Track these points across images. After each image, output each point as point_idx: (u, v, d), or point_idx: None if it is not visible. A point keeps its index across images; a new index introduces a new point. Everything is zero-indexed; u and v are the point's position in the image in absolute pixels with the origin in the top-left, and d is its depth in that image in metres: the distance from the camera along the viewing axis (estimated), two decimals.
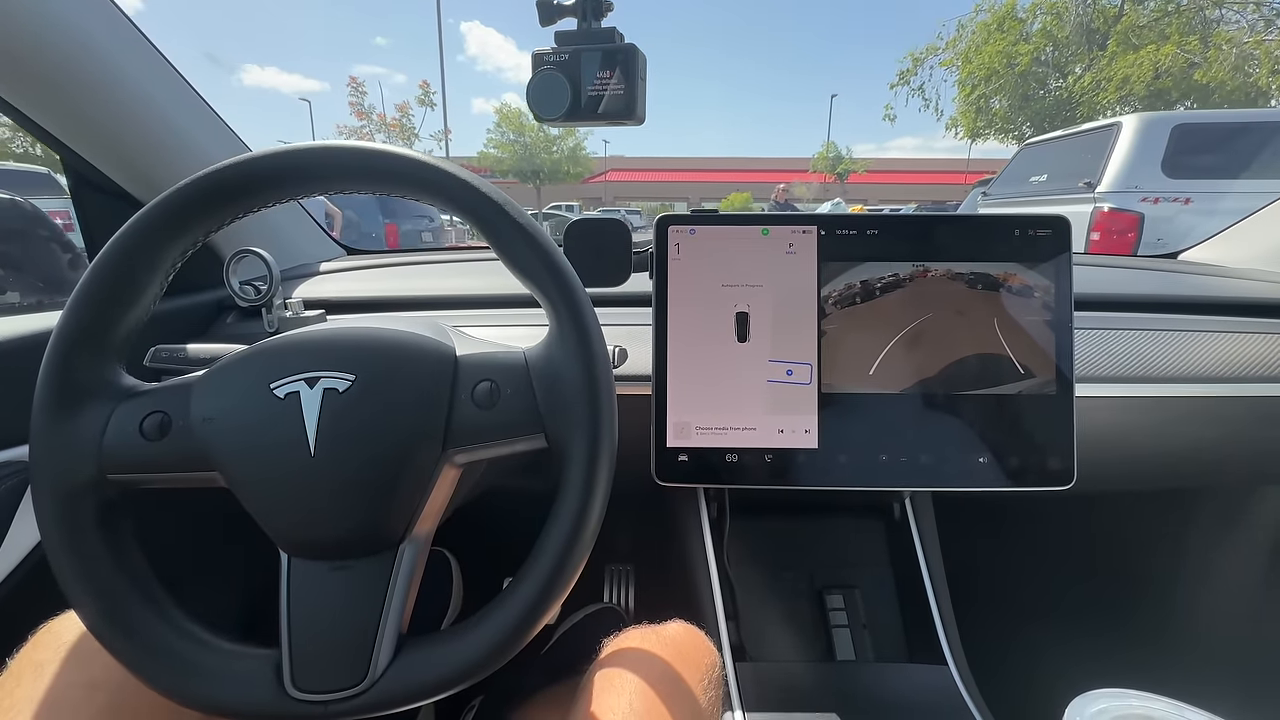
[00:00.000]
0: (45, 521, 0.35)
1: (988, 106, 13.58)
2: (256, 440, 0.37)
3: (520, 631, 0.36)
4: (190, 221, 0.38)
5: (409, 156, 0.38)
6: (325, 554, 0.37)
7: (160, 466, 0.37)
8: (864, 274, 0.60)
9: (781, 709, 0.57)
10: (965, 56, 13.58)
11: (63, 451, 0.36)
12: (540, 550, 0.37)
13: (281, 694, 0.35)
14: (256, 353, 0.39)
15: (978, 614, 0.73)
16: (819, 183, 28.22)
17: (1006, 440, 0.59)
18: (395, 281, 0.93)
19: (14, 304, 0.74)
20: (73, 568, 0.35)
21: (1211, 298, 0.80)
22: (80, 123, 0.68)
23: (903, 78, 15.23)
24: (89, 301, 0.37)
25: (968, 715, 0.56)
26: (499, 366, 0.39)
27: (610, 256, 0.61)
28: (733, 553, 0.70)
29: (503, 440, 0.38)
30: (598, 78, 0.45)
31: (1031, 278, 0.60)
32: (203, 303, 0.81)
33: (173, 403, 0.38)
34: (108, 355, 0.38)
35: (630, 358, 0.66)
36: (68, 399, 0.36)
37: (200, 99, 0.79)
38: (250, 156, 0.39)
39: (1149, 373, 0.70)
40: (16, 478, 0.59)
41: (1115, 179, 3.55)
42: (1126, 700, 0.35)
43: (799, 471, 0.60)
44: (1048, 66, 12.76)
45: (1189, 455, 0.73)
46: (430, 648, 0.36)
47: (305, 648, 0.35)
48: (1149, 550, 0.97)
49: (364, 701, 0.35)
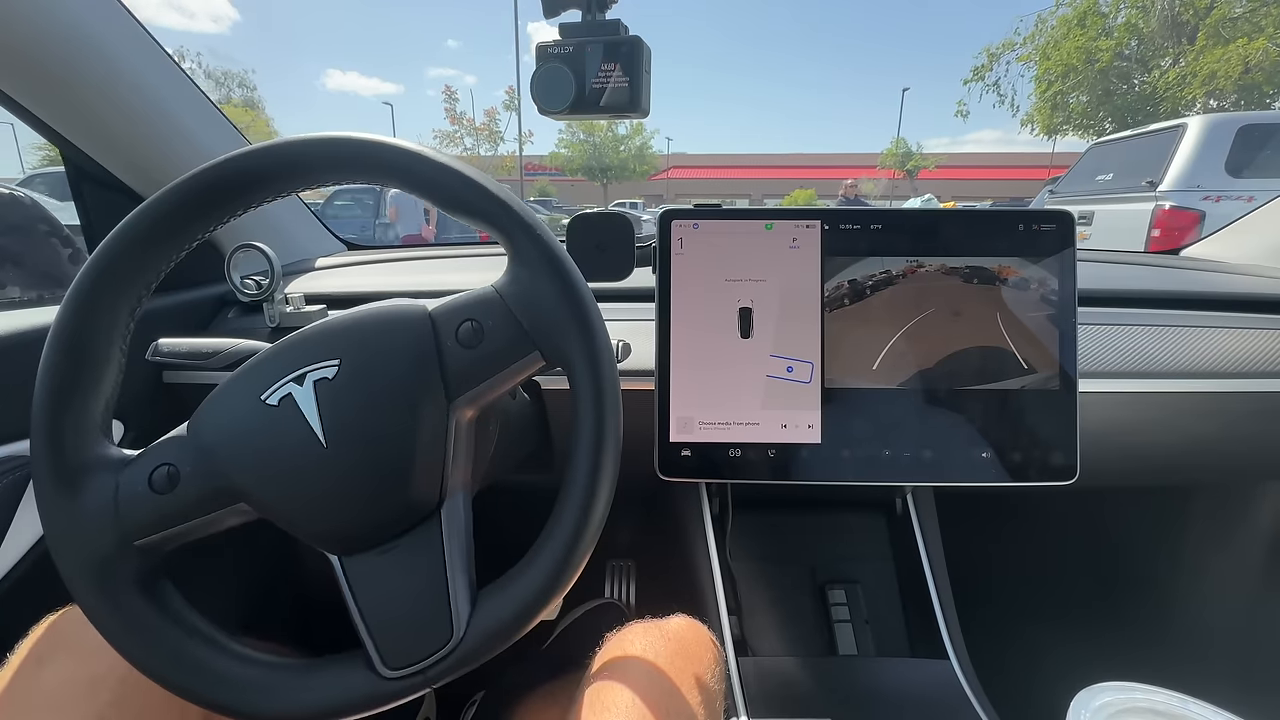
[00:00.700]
0: (90, 605, 0.35)
1: (1065, 103, 13.27)
2: (267, 453, 0.36)
3: (579, 545, 0.36)
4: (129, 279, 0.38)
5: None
6: (371, 542, 0.37)
7: (183, 515, 0.37)
8: (868, 268, 0.60)
9: (783, 703, 0.57)
10: (1043, 52, 13.27)
11: (82, 532, 0.35)
12: (575, 465, 0.37)
13: (378, 679, 0.35)
14: (238, 373, 0.39)
15: (979, 609, 0.74)
16: (887, 179, 27.71)
17: (1009, 435, 0.59)
18: (396, 276, 0.93)
19: (14, 299, 0.74)
20: (131, 638, 0.35)
21: (1214, 293, 0.80)
22: (79, 116, 0.68)
23: (977, 74, 14.99)
24: (54, 388, 0.36)
25: (970, 709, 0.56)
26: (474, 304, 0.39)
27: (613, 251, 0.61)
28: (735, 548, 0.70)
29: (501, 370, 0.38)
30: (601, 70, 0.45)
31: (1035, 273, 0.60)
32: (204, 298, 0.81)
33: (173, 451, 0.37)
34: (92, 433, 0.37)
35: (634, 353, 0.66)
36: (68, 482, 0.36)
37: (199, 92, 0.79)
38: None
39: (1151, 368, 0.70)
40: (17, 473, 0.59)
41: (1177, 178, 3.69)
42: (1131, 693, 0.35)
43: (802, 467, 0.60)
44: (1131, 61, 12.44)
45: (1191, 451, 0.73)
46: (502, 589, 0.37)
47: (386, 631, 0.36)
48: (1150, 545, 0.97)
49: (458, 657, 0.35)
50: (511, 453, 0.62)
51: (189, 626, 0.37)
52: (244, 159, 0.38)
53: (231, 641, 0.37)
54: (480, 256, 1.04)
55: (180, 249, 0.39)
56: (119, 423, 0.70)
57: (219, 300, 0.83)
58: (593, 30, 0.46)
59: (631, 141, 26.76)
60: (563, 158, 27.74)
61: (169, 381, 0.74)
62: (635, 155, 27.01)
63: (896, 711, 0.57)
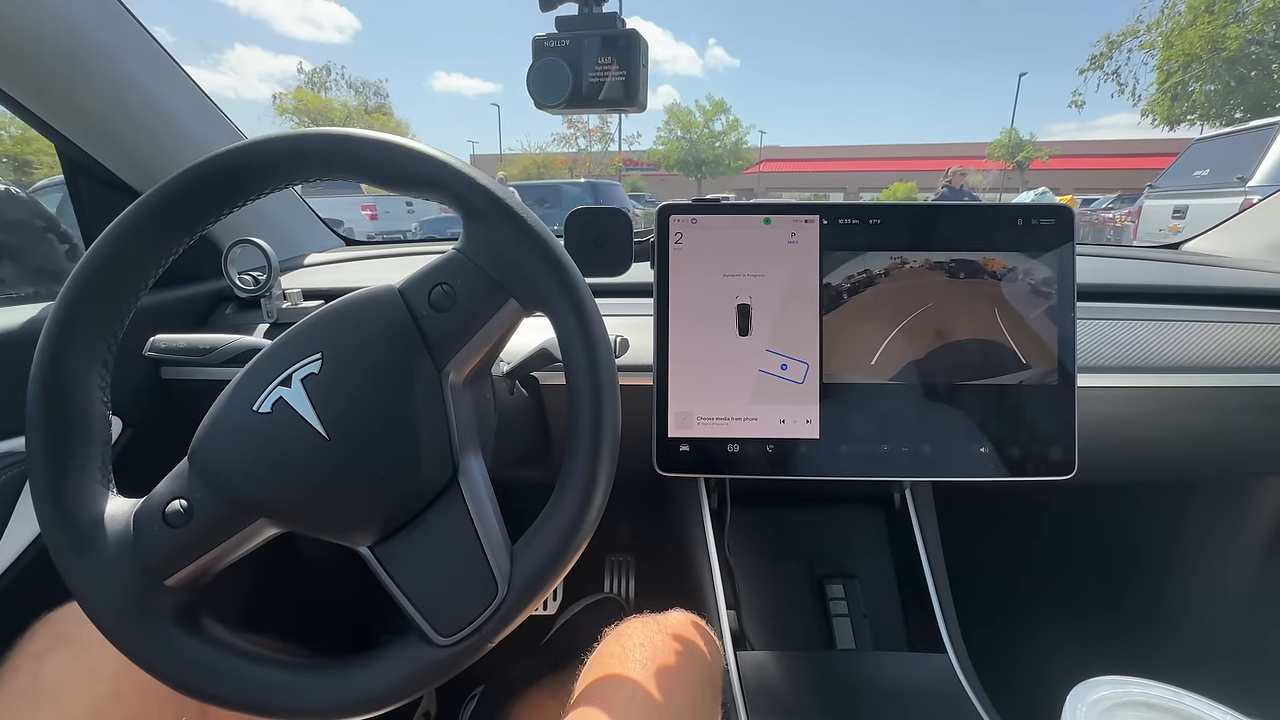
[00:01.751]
0: (140, 653, 0.35)
1: (1186, 93, 12.77)
2: (273, 460, 0.36)
3: (597, 480, 0.37)
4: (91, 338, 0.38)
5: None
6: (397, 524, 0.37)
7: (206, 545, 0.36)
8: (866, 263, 0.59)
9: (781, 697, 0.57)
10: (1167, 39, 12.76)
11: (110, 586, 0.35)
12: (577, 397, 0.37)
13: (435, 649, 0.35)
14: (226, 393, 0.39)
15: (977, 604, 0.74)
16: (997, 170, 25.89)
17: (1008, 430, 0.59)
18: (395, 271, 0.93)
19: (11, 295, 0.73)
20: (193, 674, 0.35)
21: (1213, 288, 0.80)
22: (74, 110, 0.68)
23: (1094, 62, 14.50)
24: (47, 457, 0.36)
25: (967, 703, 0.56)
26: (440, 268, 0.38)
27: (611, 246, 0.60)
28: (733, 542, 0.70)
29: (481, 326, 0.38)
30: (598, 64, 0.44)
31: (1034, 267, 0.59)
32: (201, 294, 0.81)
33: (179, 484, 0.37)
34: (93, 484, 0.37)
35: (632, 348, 0.66)
36: (84, 541, 0.36)
37: (195, 86, 0.79)
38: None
39: (1150, 363, 0.70)
40: (14, 470, 0.59)
41: (1268, 173, 3.81)
42: (1127, 687, 0.35)
43: (800, 462, 0.60)
44: (1267, 47, 11.89)
45: (1189, 445, 0.73)
46: (533, 538, 0.37)
47: (432, 604, 0.36)
48: (1148, 541, 0.97)
49: (508, 609, 0.35)
50: (509, 449, 0.62)
51: (236, 649, 0.37)
52: (193, 172, 0.38)
53: (280, 654, 0.37)
54: None
55: (145, 280, 0.39)
56: (118, 420, 0.70)
57: (216, 296, 0.83)
58: (589, 24, 0.46)
59: (727, 138, 27.24)
60: (659, 154, 28.30)
61: (167, 378, 0.74)
62: (730, 151, 27.32)
63: (895, 705, 0.57)
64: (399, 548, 0.37)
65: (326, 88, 27.40)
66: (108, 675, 0.43)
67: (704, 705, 0.47)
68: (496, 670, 0.82)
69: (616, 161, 29.34)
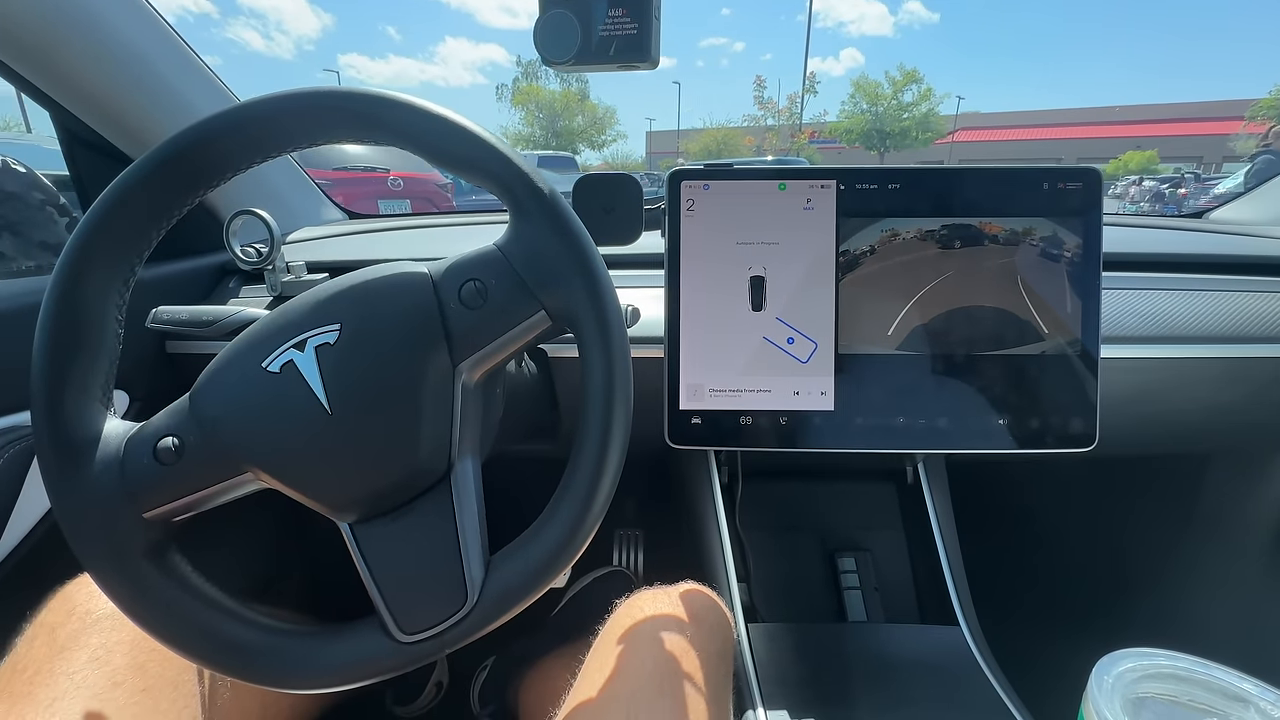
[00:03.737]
0: (102, 577, 0.35)
1: None
2: (271, 421, 0.36)
3: (591, 509, 0.36)
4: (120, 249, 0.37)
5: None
6: (381, 508, 0.37)
7: (190, 487, 0.36)
8: (884, 230, 0.58)
9: (793, 667, 0.57)
10: None
11: (89, 506, 0.35)
12: (585, 430, 0.36)
13: (395, 644, 0.35)
14: (238, 341, 0.38)
15: (990, 579, 0.73)
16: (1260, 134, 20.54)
17: (1028, 402, 0.58)
18: (400, 245, 0.91)
19: (11, 269, 0.73)
20: (145, 607, 0.35)
21: (1239, 256, 0.77)
22: (69, 78, 0.66)
23: None
24: (51, 365, 0.35)
25: (980, 675, 0.56)
26: (476, 263, 0.38)
27: (621, 213, 0.59)
28: (743, 516, 0.70)
29: (506, 331, 0.37)
30: (609, 17, 0.42)
31: (1060, 233, 0.57)
32: (205, 267, 0.80)
33: (177, 422, 0.37)
34: (93, 406, 0.36)
35: (643, 318, 0.64)
36: (72, 456, 0.35)
37: (191, 52, 0.76)
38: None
39: (1174, 333, 0.68)
40: (23, 443, 0.59)
41: None
42: (1153, 659, 0.35)
43: (814, 434, 0.59)
44: None
45: (1213, 417, 0.71)
46: (514, 554, 0.36)
47: (400, 598, 0.35)
48: (1166, 514, 0.96)
49: (473, 621, 0.35)
50: (518, 423, 0.61)
51: (202, 595, 0.36)
52: (222, 119, 0.36)
53: (245, 609, 0.37)
54: (484, 225, 1.02)
55: (171, 214, 0.38)
56: (123, 393, 0.70)
57: (220, 269, 0.81)
58: None
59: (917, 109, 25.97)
60: (841, 127, 27.61)
61: (172, 351, 0.74)
62: (918, 122, 26.05)
63: (906, 676, 0.57)
64: (378, 532, 0.37)
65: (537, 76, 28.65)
66: (124, 647, 0.43)
67: (716, 675, 0.47)
68: (508, 641, 0.83)
69: (802, 139, 28.95)
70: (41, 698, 0.39)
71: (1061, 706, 0.44)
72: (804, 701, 0.52)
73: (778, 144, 29.97)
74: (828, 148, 31.14)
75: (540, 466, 0.65)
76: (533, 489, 0.39)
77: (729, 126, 32.92)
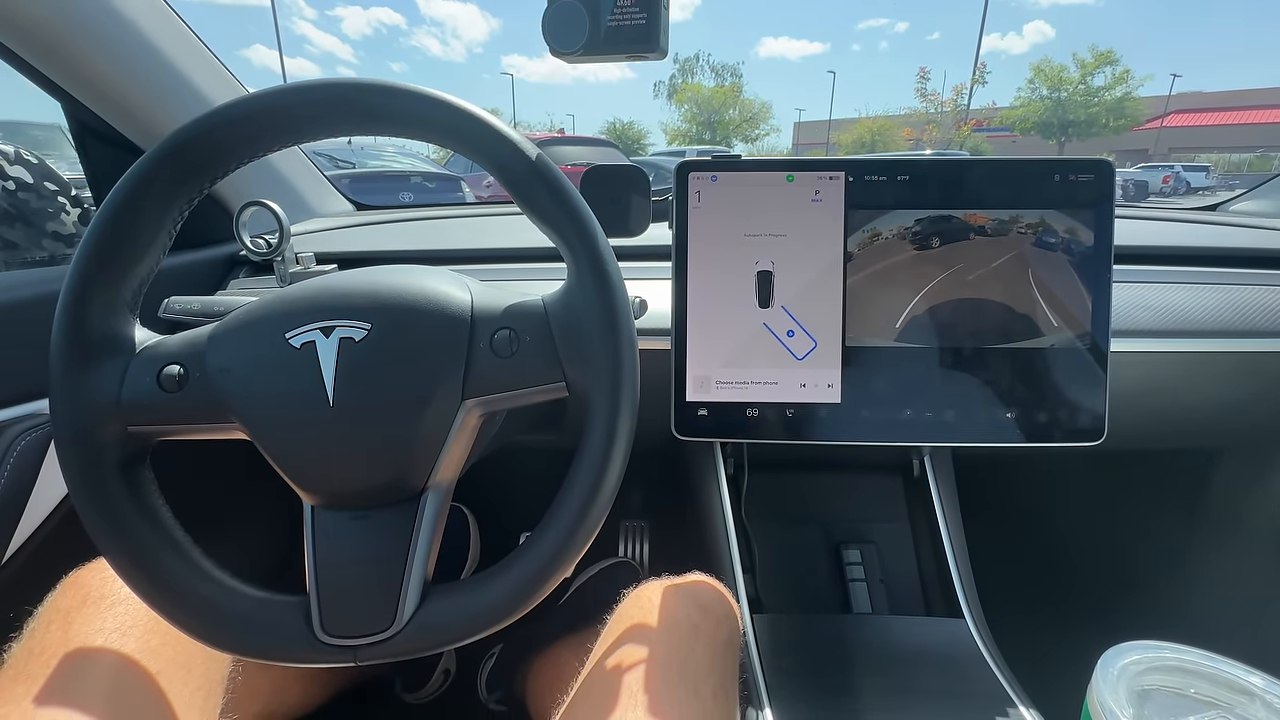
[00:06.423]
0: (72, 475, 0.36)
1: None
2: (274, 391, 0.36)
3: (543, 579, 0.36)
4: (192, 167, 0.37)
5: (412, 91, 0.37)
6: (347, 503, 0.37)
7: (180, 418, 0.37)
8: (892, 222, 0.57)
9: (798, 657, 0.57)
10: None
11: (83, 407, 0.36)
12: (563, 500, 0.37)
13: (311, 639, 0.35)
14: (271, 301, 0.38)
15: (995, 573, 0.73)
16: None
17: (1036, 396, 0.58)
18: (409, 236, 0.92)
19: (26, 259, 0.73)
20: (102, 518, 0.36)
21: (1253, 249, 0.76)
22: (81, 70, 0.66)
23: None
24: (95, 255, 0.36)
25: (984, 666, 0.56)
26: (517, 314, 0.38)
27: (629, 205, 0.59)
28: (749, 508, 0.70)
29: (523, 389, 0.38)
30: (617, 6, 0.42)
31: (1070, 226, 0.57)
32: (215, 257, 0.81)
33: (189, 355, 0.37)
34: (119, 309, 0.37)
35: (650, 310, 0.65)
36: (82, 355, 0.36)
37: (202, 44, 0.77)
38: (246, 96, 0.37)
39: (1185, 327, 0.67)
40: (42, 430, 0.60)
41: None
42: (1160, 652, 0.35)
43: (821, 427, 0.59)
44: None
45: (1223, 412, 0.71)
46: (455, 595, 0.37)
47: (333, 594, 0.36)
48: (1174, 508, 0.96)
49: (391, 646, 0.35)
50: (523, 413, 0.61)
51: (158, 521, 0.37)
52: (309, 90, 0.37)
53: (193, 549, 0.38)
54: (490, 217, 1.02)
55: (216, 173, 0.38)
56: None
57: (230, 260, 0.82)
58: None
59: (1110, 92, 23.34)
60: (1015, 115, 25.77)
61: None
62: (1110, 109, 23.37)
63: (911, 667, 0.57)
64: (337, 524, 0.37)
65: (693, 73, 28.78)
66: (137, 630, 0.44)
67: (722, 665, 0.48)
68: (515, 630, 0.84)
69: (965, 130, 26.34)
70: (56, 681, 0.40)
71: (1066, 698, 0.44)
72: (809, 693, 0.53)
73: (939, 136, 27.25)
74: (998, 137, 28.59)
75: (547, 459, 0.65)
76: (536, 479, 0.39)
77: (886, 116, 31.06)
